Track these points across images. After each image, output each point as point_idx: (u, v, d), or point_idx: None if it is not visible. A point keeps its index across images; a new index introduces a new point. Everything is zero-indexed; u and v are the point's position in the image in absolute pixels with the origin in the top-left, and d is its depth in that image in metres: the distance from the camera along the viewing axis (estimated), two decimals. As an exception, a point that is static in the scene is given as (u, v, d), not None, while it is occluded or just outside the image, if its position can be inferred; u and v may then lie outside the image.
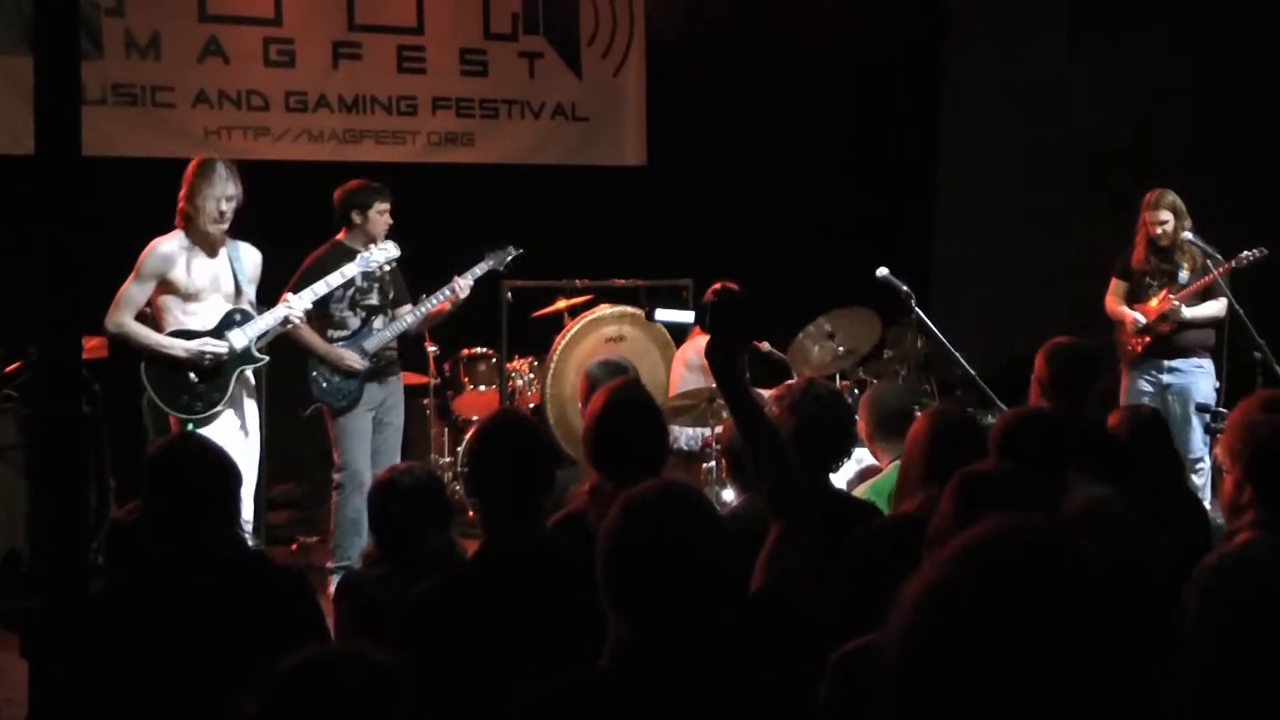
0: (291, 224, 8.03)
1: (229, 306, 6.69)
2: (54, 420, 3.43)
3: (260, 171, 9.61)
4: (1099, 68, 10.73)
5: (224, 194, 6.56)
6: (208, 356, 6.56)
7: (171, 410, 6.59)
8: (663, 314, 4.34)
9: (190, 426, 6.50)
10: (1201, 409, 7.67)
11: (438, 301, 7.40)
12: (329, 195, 7.47)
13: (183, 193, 6.60)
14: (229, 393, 6.65)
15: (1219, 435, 7.32)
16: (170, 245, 6.57)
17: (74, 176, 3.40)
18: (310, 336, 7.23)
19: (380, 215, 7.36)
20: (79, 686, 3.40)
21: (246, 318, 6.71)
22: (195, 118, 9.48)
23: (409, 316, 7.41)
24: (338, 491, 7.31)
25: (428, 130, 10.16)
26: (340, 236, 7.38)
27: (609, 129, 10.75)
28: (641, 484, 2.55)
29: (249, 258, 6.80)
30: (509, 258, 7.71)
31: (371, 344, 7.30)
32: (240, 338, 6.65)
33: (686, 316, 3.88)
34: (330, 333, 7.30)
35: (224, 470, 3.62)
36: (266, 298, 7.52)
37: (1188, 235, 8.03)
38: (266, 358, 6.80)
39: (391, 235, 7.41)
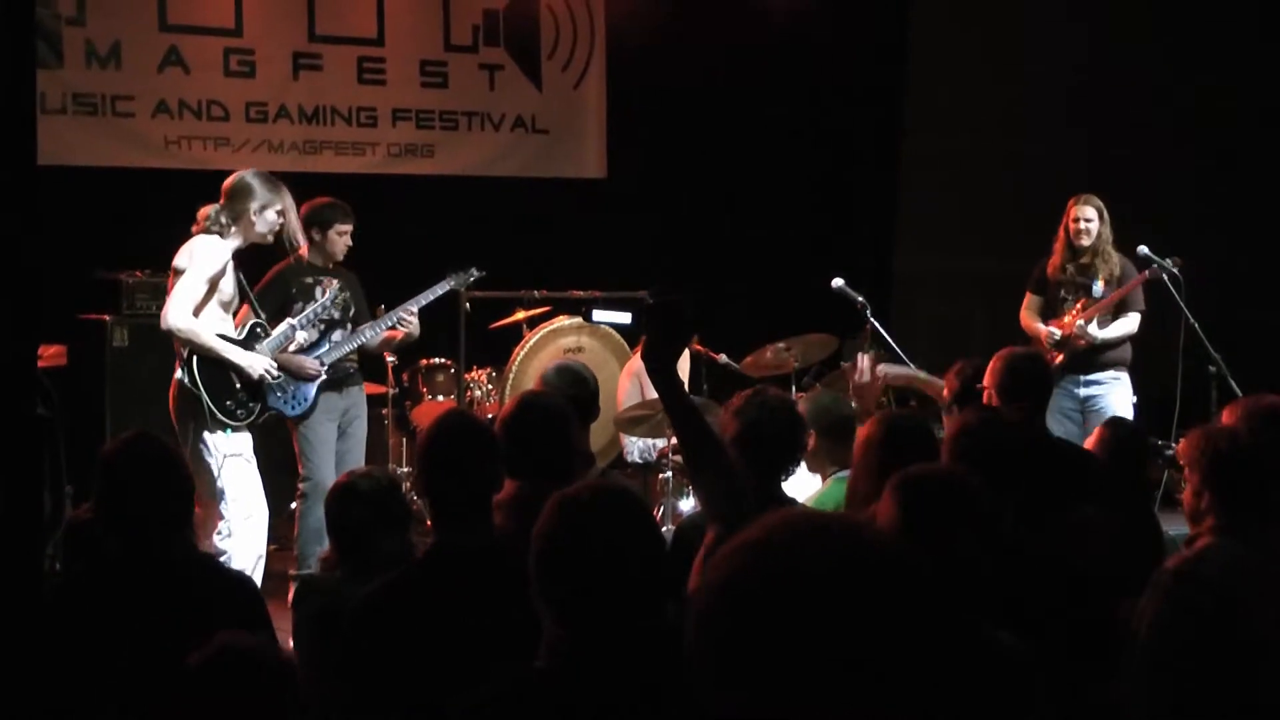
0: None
1: (251, 320, 6.80)
2: (8, 422, 3.45)
3: (219, 181, 9.64)
4: (1059, 84, 10.81)
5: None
6: (267, 372, 6.71)
7: (217, 411, 6.59)
8: (600, 314, 4.35)
9: (227, 431, 6.56)
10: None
11: (386, 327, 7.42)
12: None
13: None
14: (263, 403, 6.79)
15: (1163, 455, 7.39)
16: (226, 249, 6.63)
17: (30, 184, 3.44)
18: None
19: (340, 236, 7.38)
20: (29, 684, 3.42)
21: (266, 332, 6.80)
22: (155, 127, 9.47)
23: (368, 330, 7.43)
24: (303, 500, 7.32)
25: (387, 141, 10.17)
26: (303, 251, 7.40)
27: (569, 141, 10.77)
28: (576, 484, 2.58)
29: None
30: (471, 279, 7.73)
31: (329, 356, 7.33)
32: (265, 352, 6.77)
33: (624, 317, 3.91)
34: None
35: (175, 472, 3.65)
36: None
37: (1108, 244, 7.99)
38: (282, 375, 6.87)
39: (351, 247, 7.45)
